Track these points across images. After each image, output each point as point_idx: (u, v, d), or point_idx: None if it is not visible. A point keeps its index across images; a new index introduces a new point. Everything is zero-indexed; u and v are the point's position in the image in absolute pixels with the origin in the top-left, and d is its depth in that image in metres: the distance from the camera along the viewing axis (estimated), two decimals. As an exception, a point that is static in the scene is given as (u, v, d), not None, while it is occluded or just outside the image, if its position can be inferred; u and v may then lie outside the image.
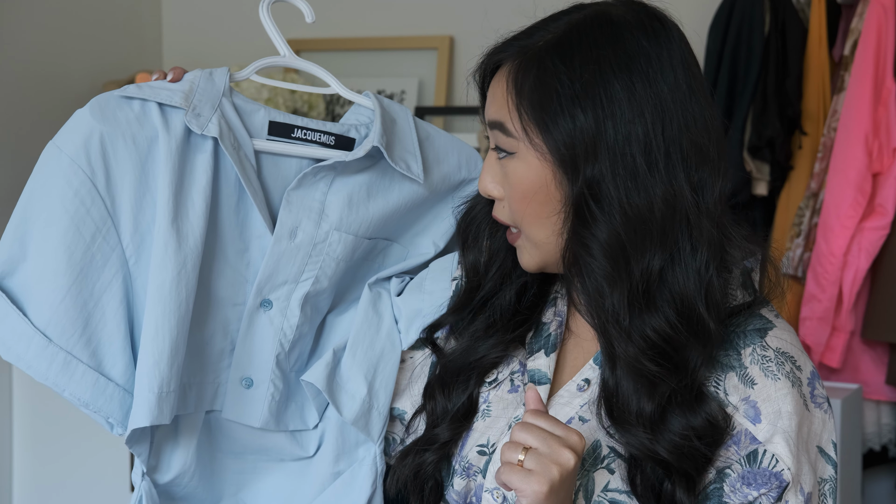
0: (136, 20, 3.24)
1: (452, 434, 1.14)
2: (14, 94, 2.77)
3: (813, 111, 2.56)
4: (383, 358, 1.19)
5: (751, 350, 1.07)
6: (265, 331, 1.19)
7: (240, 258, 1.19)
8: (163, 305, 1.11)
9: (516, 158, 1.06)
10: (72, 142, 1.12)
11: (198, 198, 1.14)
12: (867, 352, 2.48)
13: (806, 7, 2.58)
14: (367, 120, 1.25)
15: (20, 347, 1.10)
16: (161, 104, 1.14)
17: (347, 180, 1.20)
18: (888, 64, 2.40)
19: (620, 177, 1.01)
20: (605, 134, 1.01)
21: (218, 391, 1.20)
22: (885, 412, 2.49)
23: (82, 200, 1.11)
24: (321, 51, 3.19)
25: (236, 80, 1.21)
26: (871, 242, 2.39)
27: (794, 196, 2.57)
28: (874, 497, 2.68)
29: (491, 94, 1.09)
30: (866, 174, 2.38)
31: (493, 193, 1.10)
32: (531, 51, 1.05)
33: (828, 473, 1.08)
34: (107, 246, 1.12)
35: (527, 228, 1.08)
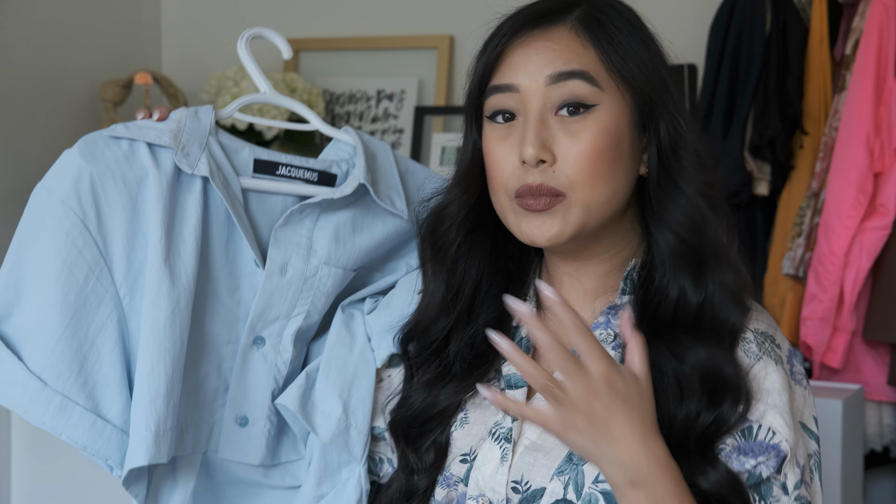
0: (136, 20, 3.24)
1: (430, 481, 1.14)
2: (13, 93, 2.77)
3: (814, 111, 2.56)
4: (358, 376, 1.19)
5: None
6: (259, 368, 1.20)
7: (231, 296, 1.19)
8: (157, 344, 1.10)
9: (594, 112, 1.07)
10: (61, 184, 1.12)
11: (189, 236, 1.14)
12: (869, 352, 2.48)
13: (807, 6, 2.57)
14: (346, 155, 1.27)
15: (16, 392, 1.10)
16: (150, 144, 1.14)
17: (332, 216, 1.22)
18: (889, 63, 2.40)
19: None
20: (667, 74, 1.11)
21: (213, 430, 1.20)
22: (887, 413, 2.49)
23: (74, 242, 1.11)
24: (321, 50, 3.18)
25: (221, 118, 1.21)
26: (873, 242, 2.39)
27: (796, 196, 2.56)
28: (876, 498, 2.68)
29: (546, 53, 1.08)
30: (867, 174, 2.38)
31: (548, 158, 1.07)
32: (580, 12, 1.10)
33: (812, 448, 1.09)
34: (100, 287, 1.12)
35: (587, 190, 1.07)
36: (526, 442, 1.10)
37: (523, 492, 1.08)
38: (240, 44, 1.24)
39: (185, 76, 3.20)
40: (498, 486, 1.09)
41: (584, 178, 1.07)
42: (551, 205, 1.07)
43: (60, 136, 2.91)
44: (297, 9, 3.22)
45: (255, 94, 1.26)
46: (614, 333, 1.12)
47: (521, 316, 0.95)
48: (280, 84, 2.85)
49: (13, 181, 2.74)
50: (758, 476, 1.05)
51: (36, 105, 2.84)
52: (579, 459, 1.07)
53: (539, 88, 1.08)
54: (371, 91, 3.11)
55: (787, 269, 2.50)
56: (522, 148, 1.07)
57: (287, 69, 3.17)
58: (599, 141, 1.07)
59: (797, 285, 2.52)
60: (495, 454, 1.10)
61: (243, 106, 1.26)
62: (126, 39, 3.19)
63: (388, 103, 3.09)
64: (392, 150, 1.30)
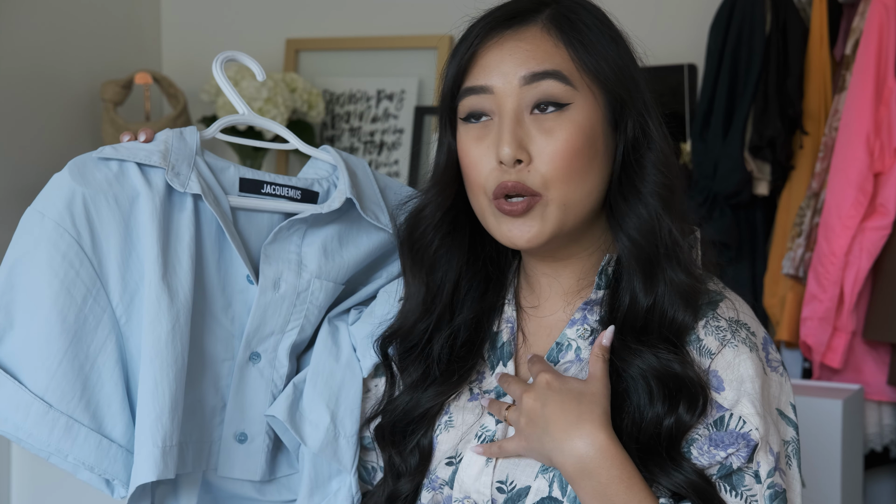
0: (136, 20, 3.24)
1: (414, 484, 1.15)
2: (13, 93, 2.77)
3: (814, 111, 2.56)
4: (345, 386, 1.20)
5: (704, 323, 1.10)
6: (256, 384, 1.20)
7: (225, 313, 1.20)
8: (160, 360, 1.11)
9: (568, 110, 1.08)
10: (54, 206, 1.12)
11: (184, 254, 1.15)
12: (869, 352, 2.48)
13: (807, 6, 2.58)
14: (325, 174, 1.28)
15: (18, 416, 1.09)
16: (140, 164, 1.15)
17: (319, 232, 1.24)
18: (889, 63, 2.40)
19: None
20: (637, 71, 1.12)
21: (212, 448, 1.20)
22: (887, 413, 2.49)
23: (71, 263, 1.11)
24: (321, 50, 3.18)
25: (203, 139, 1.22)
26: (873, 242, 2.39)
27: (796, 196, 2.57)
28: (876, 498, 2.68)
29: (519, 55, 1.09)
30: (867, 174, 2.38)
31: (523, 157, 1.08)
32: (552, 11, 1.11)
33: (790, 435, 1.10)
34: (98, 307, 1.12)
35: (563, 188, 1.08)
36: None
37: (508, 491, 1.09)
38: (214, 67, 1.25)
39: (185, 76, 3.20)
40: (483, 487, 1.10)
41: (560, 175, 1.08)
42: (529, 206, 1.08)
43: (61, 136, 2.91)
44: (297, 9, 3.22)
45: (235, 115, 1.27)
46: (591, 329, 1.13)
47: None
48: (280, 84, 2.85)
49: (13, 181, 2.74)
50: (728, 467, 1.06)
51: (36, 105, 2.84)
52: None
53: (513, 89, 1.09)
54: (371, 91, 3.11)
55: (787, 269, 2.50)
56: (499, 148, 1.08)
57: (287, 69, 3.17)
58: (574, 139, 1.07)
59: (797, 285, 2.52)
60: (480, 456, 1.11)
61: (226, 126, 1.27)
62: (126, 40, 3.19)
63: (388, 103, 3.09)
64: (369, 167, 1.32)
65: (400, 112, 3.07)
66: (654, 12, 2.85)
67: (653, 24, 2.83)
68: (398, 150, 3.07)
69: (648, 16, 2.84)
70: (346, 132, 3.13)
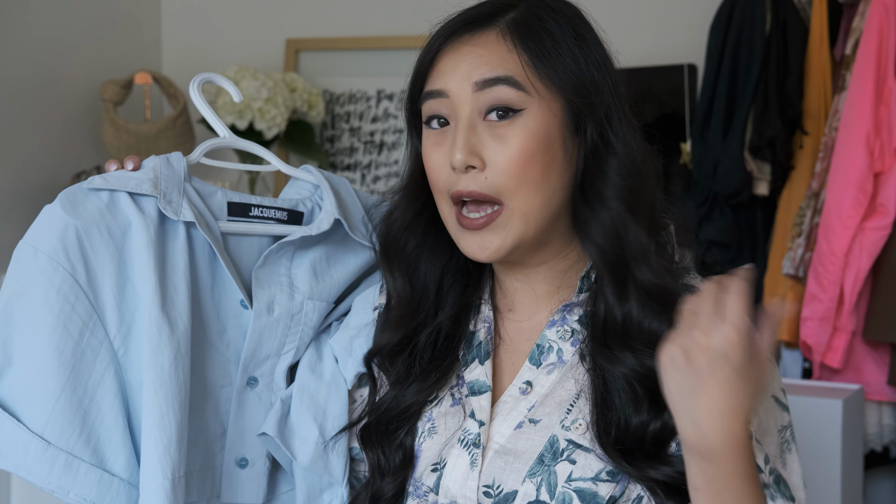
0: (135, 20, 3.24)
1: (397, 486, 1.14)
2: (13, 93, 2.77)
3: (814, 111, 2.56)
4: (331, 399, 1.20)
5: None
6: (255, 408, 1.20)
7: (220, 340, 1.20)
8: (165, 390, 1.10)
9: (521, 116, 1.07)
10: (47, 239, 1.11)
11: (180, 282, 1.15)
12: (869, 352, 2.48)
13: (807, 6, 2.58)
14: (307, 194, 1.29)
15: (18, 454, 1.09)
16: (131, 193, 1.15)
17: (306, 253, 1.24)
18: (889, 63, 2.40)
19: (622, 116, 1.09)
20: (604, 77, 1.09)
21: (215, 476, 1.20)
22: (887, 413, 2.49)
23: (66, 297, 1.10)
24: (321, 50, 3.18)
25: (190, 163, 1.22)
26: (873, 242, 2.39)
27: (796, 196, 2.57)
28: (876, 498, 2.68)
29: (473, 59, 1.09)
30: (868, 174, 2.38)
31: (475, 163, 1.08)
32: (514, 15, 1.10)
33: (786, 420, 1.10)
34: (95, 340, 1.12)
35: (520, 196, 1.07)
36: (495, 446, 1.10)
37: (495, 496, 1.08)
38: (192, 89, 1.25)
39: (185, 76, 3.19)
40: (469, 491, 1.09)
41: (516, 183, 1.07)
42: (490, 219, 1.08)
43: (61, 136, 2.91)
44: (297, 9, 3.22)
45: (216, 139, 1.26)
46: (571, 330, 1.13)
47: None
48: (280, 84, 2.85)
49: (13, 181, 2.74)
50: None
51: (36, 105, 2.84)
52: (551, 460, 1.07)
53: (467, 94, 1.08)
54: (371, 91, 3.11)
55: (787, 269, 2.50)
56: (451, 154, 1.08)
57: (287, 69, 3.17)
58: (528, 145, 1.06)
59: (797, 285, 2.52)
60: (464, 460, 1.10)
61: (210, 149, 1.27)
62: (126, 40, 3.19)
63: (388, 103, 3.09)
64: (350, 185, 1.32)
65: (400, 112, 3.07)
66: (654, 12, 2.85)
67: (653, 24, 2.83)
68: (398, 150, 3.07)
69: (648, 16, 2.84)
70: (346, 132, 3.13)
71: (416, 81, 1.13)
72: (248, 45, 3.23)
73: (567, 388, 1.10)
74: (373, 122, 3.10)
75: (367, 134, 3.11)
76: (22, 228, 1.16)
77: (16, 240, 1.15)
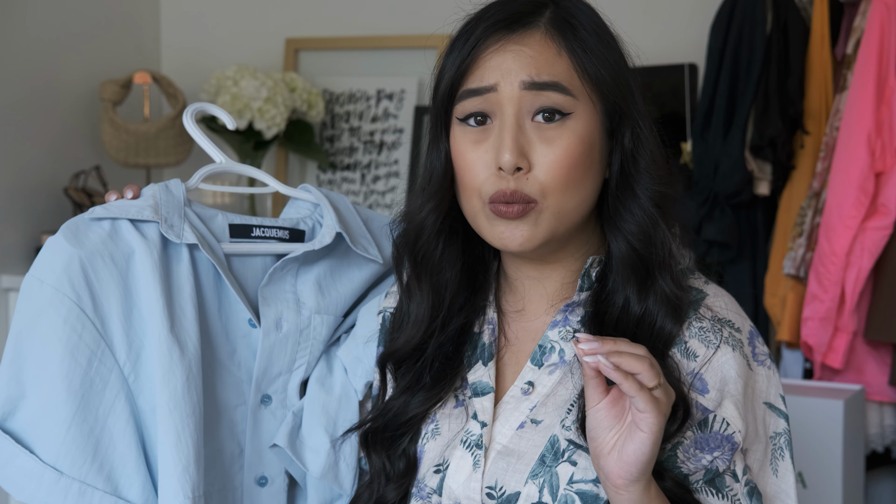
0: (135, 19, 3.24)
1: (399, 493, 1.15)
2: (13, 92, 2.77)
3: (815, 110, 2.56)
4: (342, 410, 1.21)
5: (687, 324, 1.10)
6: (270, 426, 1.21)
7: (231, 360, 1.21)
8: (179, 411, 1.11)
9: (572, 119, 1.08)
10: (52, 271, 1.12)
11: (187, 305, 1.16)
12: (870, 353, 2.47)
13: (808, 6, 2.57)
14: (306, 213, 1.30)
15: (32, 486, 1.10)
16: (133, 220, 1.16)
17: (310, 269, 1.25)
18: (891, 63, 2.39)
19: (646, 122, 1.11)
20: (631, 81, 1.11)
21: (235, 496, 1.21)
22: (889, 414, 2.48)
23: (73, 327, 1.11)
24: (321, 50, 3.18)
25: (188, 189, 1.23)
26: (874, 242, 2.38)
27: (797, 196, 2.56)
28: (877, 499, 2.68)
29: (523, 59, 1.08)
30: (869, 174, 2.37)
31: (524, 165, 1.08)
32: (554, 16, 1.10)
33: (781, 427, 1.11)
34: (104, 368, 1.12)
35: (560, 197, 1.08)
36: (497, 447, 1.10)
37: (498, 497, 1.08)
38: (185, 119, 1.26)
39: (185, 76, 3.19)
40: (472, 492, 1.09)
41: (558, 185, 1.07)
42: (524, 212, 1.08)
43: (60, 136, 2.91)
44: (297, 8, 3.22)
45: (214, 165, 1.27)
46: (572, 330, 1.13)
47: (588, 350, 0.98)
48: (280, 84, 2.85)
49: (13, 180, 2.74)
50: (714, 471, 1.06)
51: (36, 105, 2.83)
52: (552, 461, 1.07)
53: (515, 93, 1.07)
54: (371, 91, 3.11)
55: (788, 269, 2.50)
56: (499, 154, 1.07)
57: (287, 68, 3.17)
58: (574, 149, 1.07)
59: (798, 285, 2.52)
60: (467, 461, 1.10)
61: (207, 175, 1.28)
62: (125, 39, 3.19)
63: (388, 103, 3.09)
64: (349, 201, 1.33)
65: (400, 112, 3.07)
66: (654, 12, 2.84)
67: (653, 24, 2.83)
68: (398, 150, 3.07)
69: (649, 16, 2.84)
70: (346, 132, 3.13)
71: (453, 79, 1.11)
72: (247, 45, 3.23)
73: (568, 388, 1.10)
74: (372, 122, 3.10)
75: (366, 133, 3.11)
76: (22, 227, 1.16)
77: (16, 240, 1.15)
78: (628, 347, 0.98)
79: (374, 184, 3.08)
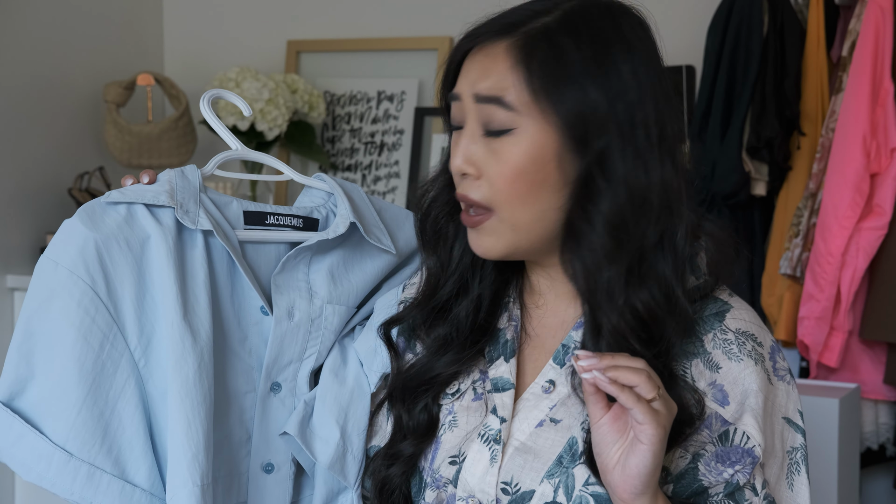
0: (138, 21, 3.25)
1: (415, 449, 1.15)
2: (16, 94, 2.78)
3: (811, 112, 2.57)
4: (353, 402, 1.21)
5: (712, 336, 1.10)
6: (279, 414, 1.21)
7: (242, 347, 1.21)
8: (191, 399, 1.12)
9: (514, 134, 1.06)
10: (67, 253, 1.12)
11: (201, 292, 1.16)
12: (865, 352, 2.48)
13: (804, 8, 2.59)
14: (320, 202, 1.30)
15: (41, 467, 1.10)
16: (148, 205, 1.16)
17: (323, 258, 1.25)
18: (886, 65, 2.40)
19: (627, 153, 1.05)
20: (615, 109, 1.05)
21: (241, 481, 1.21)
22: (883, 411, 2.50)
23: (86, 310, 1.11)
24: (321, 51, 3.20)
25: (204, 175, 1.24)
26: (870, 242, 2.39)
27: (793, 196, 2.57)
28: (872, 496, 2.69)
29: (479, 70, 1.08)
30: (864, 174, 2.38)
31: (470, 171, 1.09)
32: (535, 28, 1.07)
33: (798, 442, 1.11)
34: (115, 352, 1.13)
35: (509, 209, 1.08)
36: (515, 443, 1.11)
37: (513, 493, 1.09)
38: (202, 104, 1.26)
39: (187, 77, 3.21)
40: (488, 487, 1.10)
41: (505, 197, 1.07)
42: (481, 220, 1.09)
43: (63, 138, 2.92)
44: (298, 10, 3.23)
45: (229, 152, 1.28)
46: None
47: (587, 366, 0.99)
48: (281, 85, 2.86)
49: (17, 181, 2.75)
50: (735, 484, 1.06)
51: (39, 106, 2.85)
52: (569, 462, 1.08)
53: (470, 104, 1.09)
54: (371, 92, 3.12)
55: (785, 269, 2.51)
56: (451, 159, 1.10)
57: (288, 70, 3.18)
58: (517, 162, 1.06)
59: (794, 285, 2.53)
60: (484, 455, 1.11)
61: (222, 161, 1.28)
62: (128, 41, 3.20)
63: (389, 104, 3.10)
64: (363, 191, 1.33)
65: (400, 113, 3.08)
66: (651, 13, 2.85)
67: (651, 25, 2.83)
68: (398, 151, 3.08)
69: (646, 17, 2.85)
70: (347, 133, 3.14)
71: (444, 80, 1.13)
72: (249, 47, 3.25)
73: None
74: (373, 123, 3.12)
75: (367, 135, 3.13)
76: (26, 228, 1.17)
77: (20, 240, 1.16)
78: (626, 361, 0.98)
79: (374, 184, 3.10)
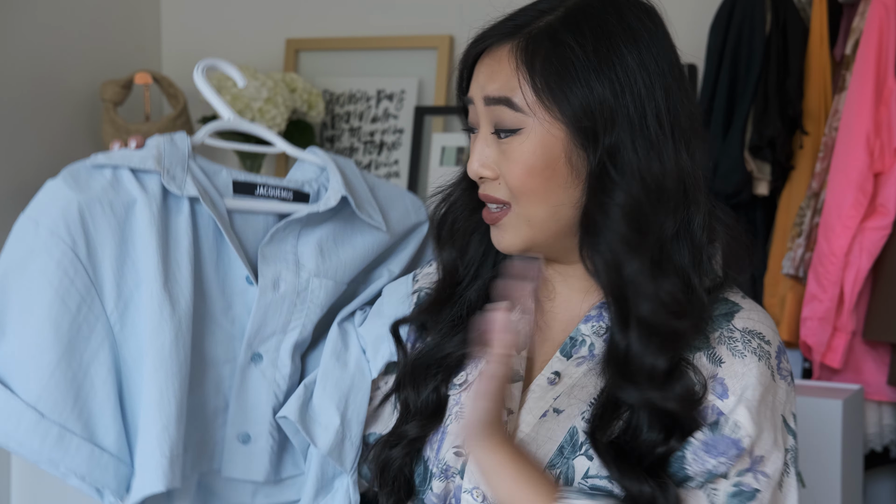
0: (135, 20, 3.24)
1: (420, 431, 1.15)
2: (13, 93, 2.77)
3: (814, 111, 2.56)
4: (353, 388, 1.20)
5: (718, 334, 1.11)
6: (258, 384, 1.20)
7: (225, 316, 1.20)
8: (165, 369, 1.10)
9: (522, 134, 1.08)
10: (48, 214, 1.11)
11: (183, 260, 1.15)
12: (869, 352, 2.48)
13: (807, 6, 2.58)
14: (312, 176, 1.29)
15: (9, 425, 1.08)
16: (134, 170, 1.14)
17: (313, 231, 1.24)
18: (889, 63, 2.40)
19: (639, 145, 1.06)
20: (623, 103, 1.06)
21: (214, 450, 1.20)
22: (887, 413, 2.49)
23: (65, 271, 1.10)
24: (321, 50, 3.19)
25: (194, 144, 1.23)
26: (873, 242, 2.39)
27: (796, 196, 2.57)
28: (876, 498, 2.68)
29: (487, 73, 1.10)
30: (867, 174, 2.38)
31: (487, 174, 1.11)
32: (538, 27, 1.08)
33: (790, 444, 1.11)
34: (92, 315, 1.11)
35: (526, 206, 1.10)
36: (520, 435, 1.11)
37: None
38: (196, 74, 1.25)
39: (185, 76, 3.19)
40: None
41: (523, 193, 1.09)
42: (500, 216, 1.11)
43: (61, 136, 2.91)
44: (298, 9, 3.22)
45: (220, 121, 1.27)
46: (606, 326, 1.13)
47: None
48: (280, 84, 2.85)
49: (13, 180, 2.74)
50: (715, 474, 1.06)
51: (36, 105, 2.84)
52: (570, 453, 1.08)
53: (482, 107, 1.11)
54: (371, 91, 3.11)
55: (787, 269, 2.50)
56: (468, 164, 1.12)
57: (287, 69, 3.17)
58: (527, 161, 1.08)
59: (797, 285, 2.53)
60: None
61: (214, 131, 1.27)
62: (126, 40, 3.19)
63: (388, 103, 3.09)
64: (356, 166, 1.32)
65: (400, 112, 3.07)
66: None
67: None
68: (398, 150, 3.07)
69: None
70: (346, 132, 3.14)
71: (458, 85, 1.16)
72: (248, 45, 3.24)
73: (594, 384, 1.11)
74: (373, 123, 3.11)
75: (366, 134, 3.12)
76: (21, 228, 1.15)
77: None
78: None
79: (374, 184, 3.09)
